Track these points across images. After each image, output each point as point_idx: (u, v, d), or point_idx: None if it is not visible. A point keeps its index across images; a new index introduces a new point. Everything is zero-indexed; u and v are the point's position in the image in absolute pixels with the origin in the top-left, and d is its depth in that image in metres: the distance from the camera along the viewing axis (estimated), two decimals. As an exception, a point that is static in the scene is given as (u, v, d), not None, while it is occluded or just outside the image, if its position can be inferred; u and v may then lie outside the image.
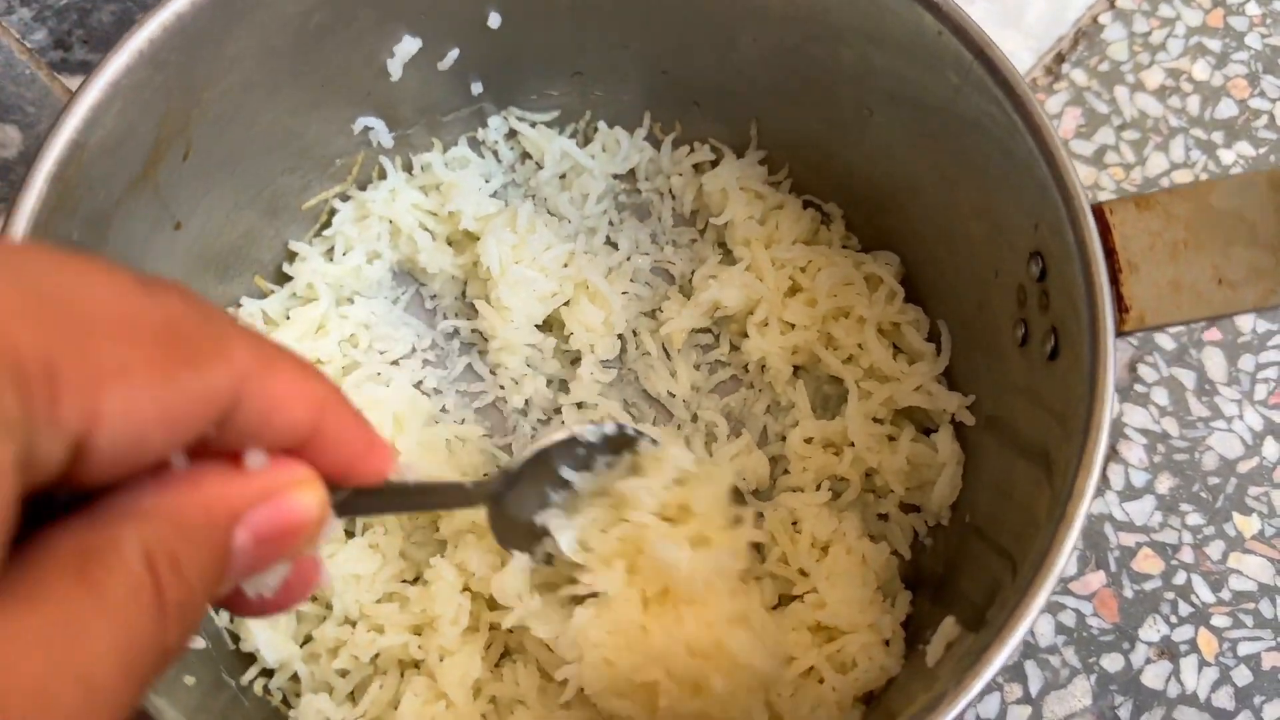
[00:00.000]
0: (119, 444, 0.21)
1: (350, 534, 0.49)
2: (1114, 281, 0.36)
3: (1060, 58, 0.63)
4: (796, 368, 0.53)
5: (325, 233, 0.53)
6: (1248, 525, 0.52)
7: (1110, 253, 0.37)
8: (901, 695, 0.43)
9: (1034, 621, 0.33)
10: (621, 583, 0.43)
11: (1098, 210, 0.37)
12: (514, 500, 0.43)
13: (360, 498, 0.28)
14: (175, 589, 0.22)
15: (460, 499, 0.42)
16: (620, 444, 0.45)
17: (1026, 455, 0.42)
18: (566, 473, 0.44)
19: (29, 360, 0.19)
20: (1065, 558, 0.34)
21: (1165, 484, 0.52)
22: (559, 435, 0.43)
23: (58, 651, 0.20)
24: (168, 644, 0.22)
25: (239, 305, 0.51)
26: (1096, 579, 0.51)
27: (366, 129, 0.51)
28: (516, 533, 0.44)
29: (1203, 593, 0.51)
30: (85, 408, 0.20)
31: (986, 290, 0.45)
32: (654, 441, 0.45)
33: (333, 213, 0.53)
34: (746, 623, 0.44)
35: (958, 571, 0.46)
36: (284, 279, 0.52)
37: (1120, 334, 0.36)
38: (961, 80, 0.41)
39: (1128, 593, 0.50)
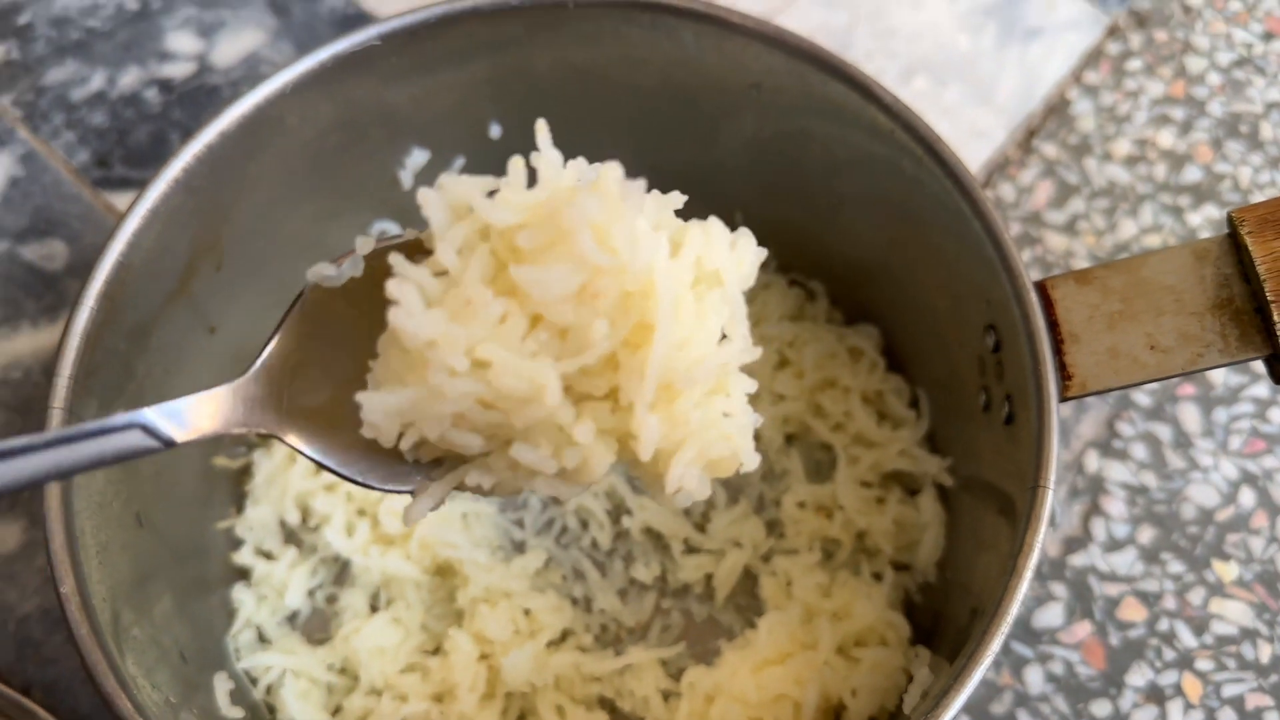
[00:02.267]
0: None
1: (375, 609, 0.52)
2: (1057, 352, 0.40)
3: (1031, 133, 0.67)
4: (788, 436, 0.56)
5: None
6: (1227, 571, 0.54)
7: (1054, 325, 0.40)
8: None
9: (987, 666, 0.36)
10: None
11: (1041, 286, 0.41)
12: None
13: None
14: None
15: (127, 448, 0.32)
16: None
17: (995, 512, 0.45)
18: None
19: None
20: (1015, 607, 0.36)
21: (1146, 535, 0.55)
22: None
23: None
24: None
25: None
26: (1083, 629, 0.53)
27: (383, 231, 0.56)
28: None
29: (1186, 638, 0.53)
30: None
31: (954, 360, 0.48)
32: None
33: (353, 309, 0.57)
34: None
35: (943, 623, 0.48)
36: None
37: (1064, 399, 0.39)
38: (916, 170, 0.45)
39: (1114, 641, 0.53)
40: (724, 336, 0.34)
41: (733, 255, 0.34)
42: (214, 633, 0.50)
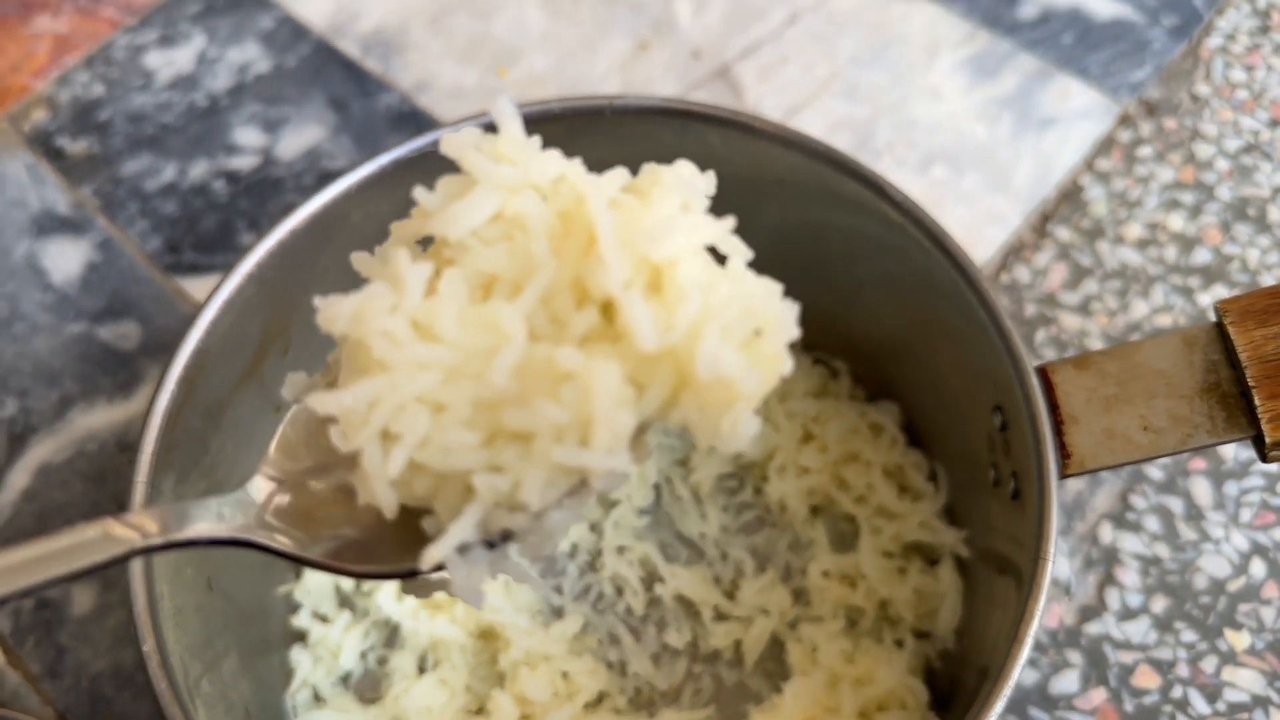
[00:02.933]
0: None
1: (422, 670, 0.56)
2: (1057, 432, 0.43)
3: (1046, 217, 0.70)
4: (814, 508, 0.59)
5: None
6: (1239, 640, 0.56)
7: (1054, 407, 0.43)
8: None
9: None
10: None
11: (1042, 371, 0.44)
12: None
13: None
14: None
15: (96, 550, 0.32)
16: None
17: (1007, 581, 0.47)
18: None
19: None
20: (1017, 670, 0.39)
21: (1160, 604, 0.57)
22: None
23: None
24: None
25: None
26: (1098, 695, 0.55)
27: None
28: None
29: (1199, 705, 0.55)
30: None
31: (968, 437, 0.51)
32: None
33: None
34: None
35: (959, 688, 0.51)
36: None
37: (1064, 476, 0.42)
38: (926, 260, 0.49)
39: (1128, 707, 0.55)
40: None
41: (669, 169, 0.31)
42: (274, 691, 0.53)
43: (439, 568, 0.30)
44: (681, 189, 0.30)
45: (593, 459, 0.28)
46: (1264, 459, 0.41)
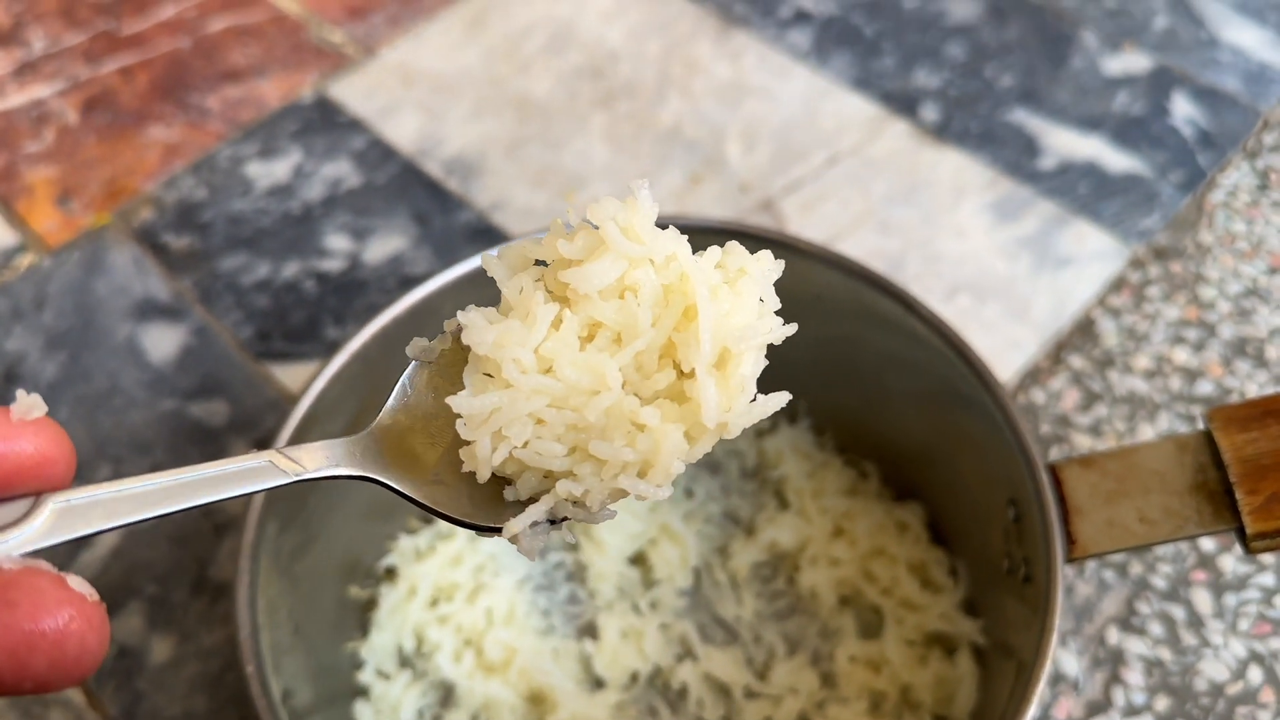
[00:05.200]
0: None
1: None
2: (1064, 521, 0.48)
3: (1061, 347, 0.77)
4: (842, 598, 0.64)
5: (465, 484, 0.67)
6: (1239, 742, 0.60)
7: (1062, 500, 0.49)
8: None
9: None
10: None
11: (1052, 468, 0.50)
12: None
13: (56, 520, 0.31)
14: None
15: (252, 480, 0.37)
16: None
17: (1014, 664, 0.52)
18: None
19: None
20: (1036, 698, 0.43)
21: (1162, 703, 0.61)
22: None
23: None
24: None
25: (395, 539, 0.65)
26: (1105, 786, 0.59)
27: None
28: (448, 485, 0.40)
29: (1202, 802, 0.58)
30: None
31: (986, 531, 0.57)
32: None
33: (471, 468, 0.67)
34: None
35: (973, 768, 0.55)
36: (430, 522, 0.66)
37: (1069, 560, 0.48)
38: (949, 370, 0.55)
39: (1134, 799, 0.58)
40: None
41: (753, 258, 0.38)
42: (339, 738, 0.58)
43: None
44: (763, 281, 0.38)
45: (646, 489, 0.36)
46: (1247, 550, 0.46)
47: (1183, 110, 0.91)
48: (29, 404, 0.31)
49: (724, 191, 0.88)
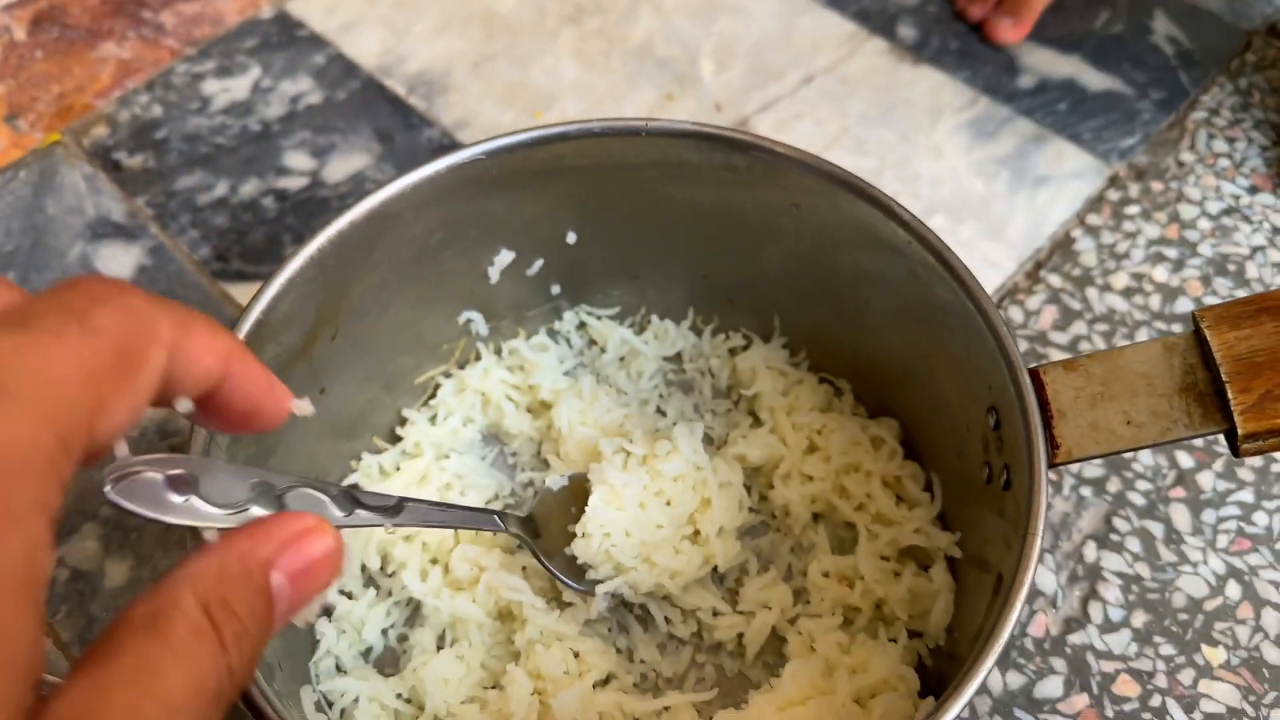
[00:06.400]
0: (117, 429, 0.28)
1: (440, 647, 0.59)
2: (1047, 425, 0.47)
3: (1039, 265, 0.75)
4: (815, 514, 0.63)
5: (431, 402, 0.66)
6: (1215, 656, 0.59)
7: (1044, 404, 0.47)
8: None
9: (968, 700, 0.41)
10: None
11: (1034, 372, 0.48)
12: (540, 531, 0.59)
13: (405, 512, 0.46)
14: (229, 625, 0.28)
15: (489, 523, 0.56)
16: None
17: (993, 581, 0.51)
18: None
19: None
20: (995, 656, 0.42)
21: (1140, 619, 0.60)
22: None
23: (140, 684, 0.25)
24: (232, 669, 0.27)
25: (359, 459, 0.63)
26: (1081, 700, 0.58)
27: (469, 320, 0.64)
28: (555, 557, 0.58)
29: (1177, 715, 0.58)
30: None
31: (962, 442, 0.55)
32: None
33: (438, 387, 0.66)
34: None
35: (947, 681, 0.54)
36: (396, 439, 0.64)
37: (1052, 465, 0.46)
38: (929, 277, 0.53)
39: (1109, 713, 0.58)
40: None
41: (739, 473, 0.62)
42: (301, 656, 0.56)
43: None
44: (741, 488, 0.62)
45: (674, 587, 0.59)
46: (1236, 453, 0.45)
47: (1164, 28, 0.90)
48: (306, 410, 0.37)
49: (697, 110, 0.85)
